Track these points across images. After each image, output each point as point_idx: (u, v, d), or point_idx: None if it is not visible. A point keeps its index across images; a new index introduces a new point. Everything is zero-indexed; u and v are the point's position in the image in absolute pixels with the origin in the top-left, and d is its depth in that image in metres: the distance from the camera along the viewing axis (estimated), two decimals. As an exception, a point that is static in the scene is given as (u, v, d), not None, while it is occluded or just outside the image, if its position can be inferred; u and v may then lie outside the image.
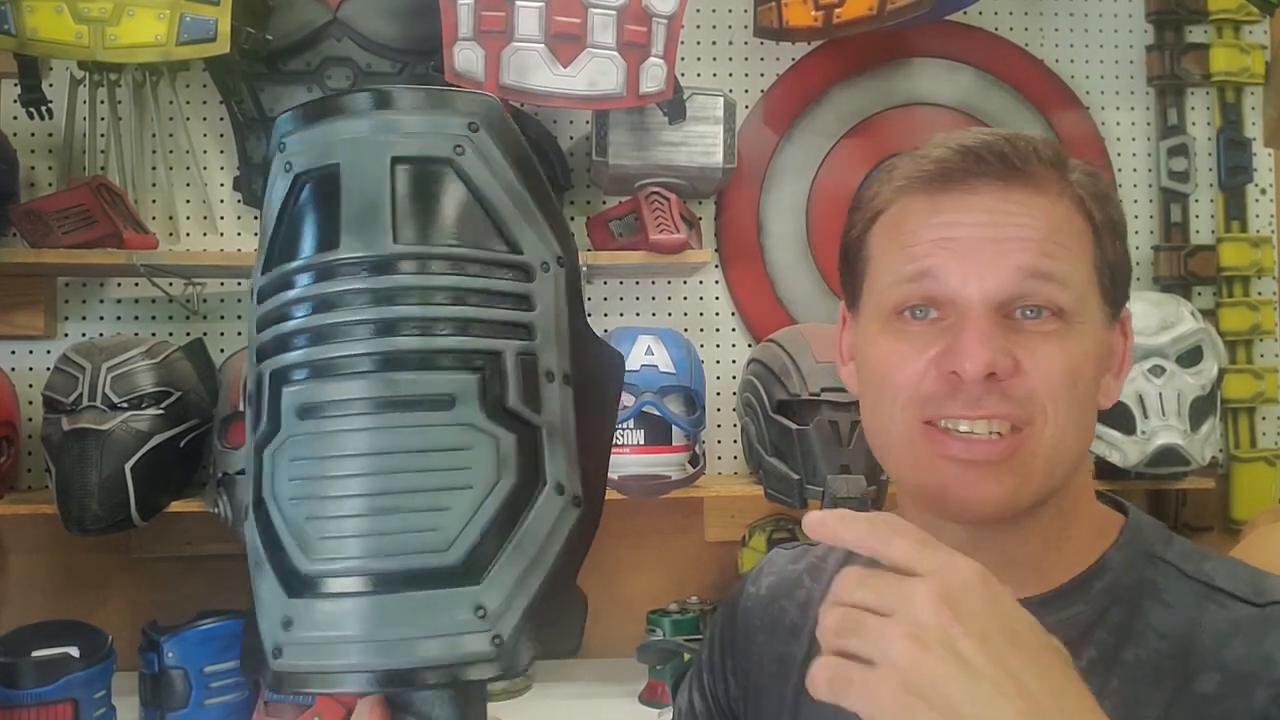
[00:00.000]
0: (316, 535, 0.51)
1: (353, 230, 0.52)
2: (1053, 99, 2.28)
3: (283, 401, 0.52)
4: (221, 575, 2.04)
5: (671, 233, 1.92)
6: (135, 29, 1.73)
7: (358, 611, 0.50)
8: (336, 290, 0.52)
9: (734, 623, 0.91)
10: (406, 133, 0.54)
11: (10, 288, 2.02)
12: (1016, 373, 0.69)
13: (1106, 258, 0.72)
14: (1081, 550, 0.74)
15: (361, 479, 0.51)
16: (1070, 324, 0.70)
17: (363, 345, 0.51)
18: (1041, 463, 0.69)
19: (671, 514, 2.13)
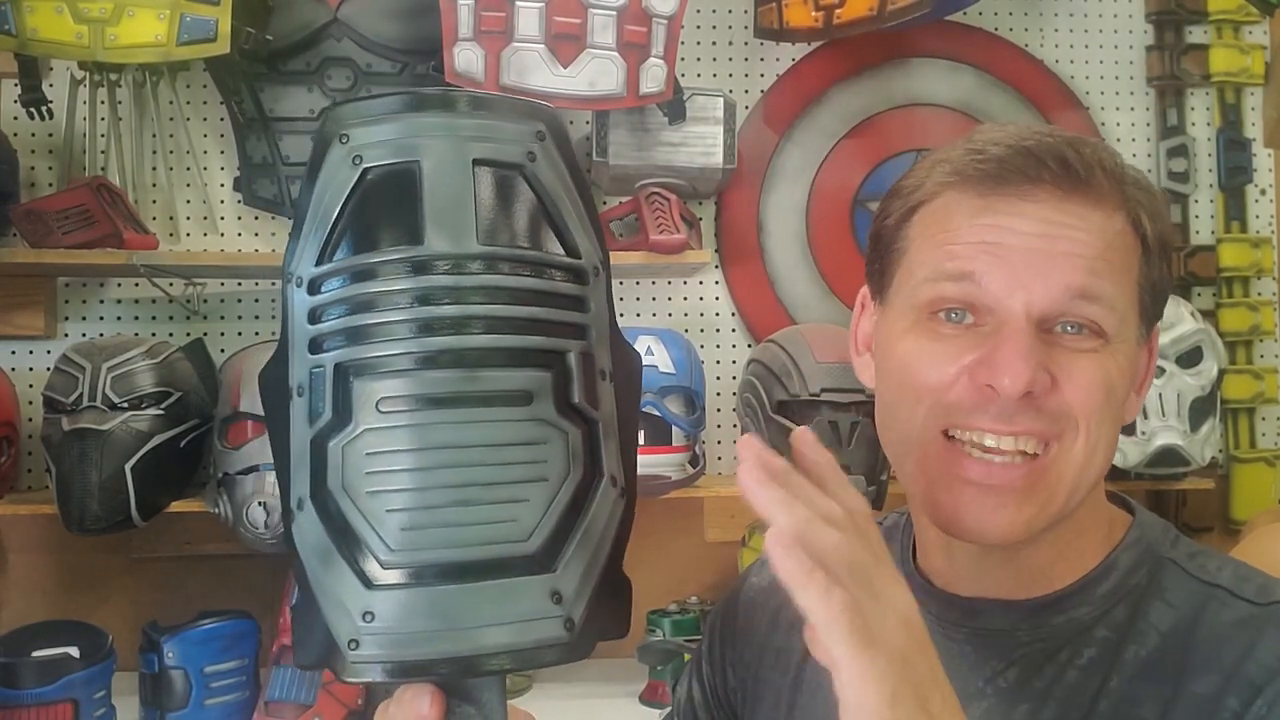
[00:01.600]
0: (399, 526, 0.51)
1: (438, 227, 0.53)
2: (1053, 99, 2.28)
3: (355, 394, 0.52)
4: (221, 575, 2.04)
5: (671, 233, 1.92)
6: (135, 29, 1.73)
7: (442, 601, 0.51)
8: (425, 286, 0.52)
9: (735, 613, 0.90)
10: (485, 137, 0.55)
11: (10, 288, 2.01)
12: (1053, 390, 0.67)
13: (1151, 277, 0.71)
14: (1089, 552, 0.74)
15: (445, 471, 0.52)
16: (1110, 343, 0.68)
17: (449, 340, 0.52)
18: (1067, 486, 0.68)
19: (671, 514, 2.12)
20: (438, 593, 0.51)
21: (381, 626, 0.51)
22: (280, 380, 0.56)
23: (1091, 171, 0.68)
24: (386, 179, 0.54)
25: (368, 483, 0.52)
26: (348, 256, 0.54)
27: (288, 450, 0.55)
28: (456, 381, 0.52)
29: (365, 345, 0.53)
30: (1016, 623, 0.73)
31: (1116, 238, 0.69)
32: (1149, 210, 0.70)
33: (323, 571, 0.53)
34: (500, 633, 0.52)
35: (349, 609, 0.52)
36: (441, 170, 0.54)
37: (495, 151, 0.55)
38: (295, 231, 0.56)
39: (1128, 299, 0.69)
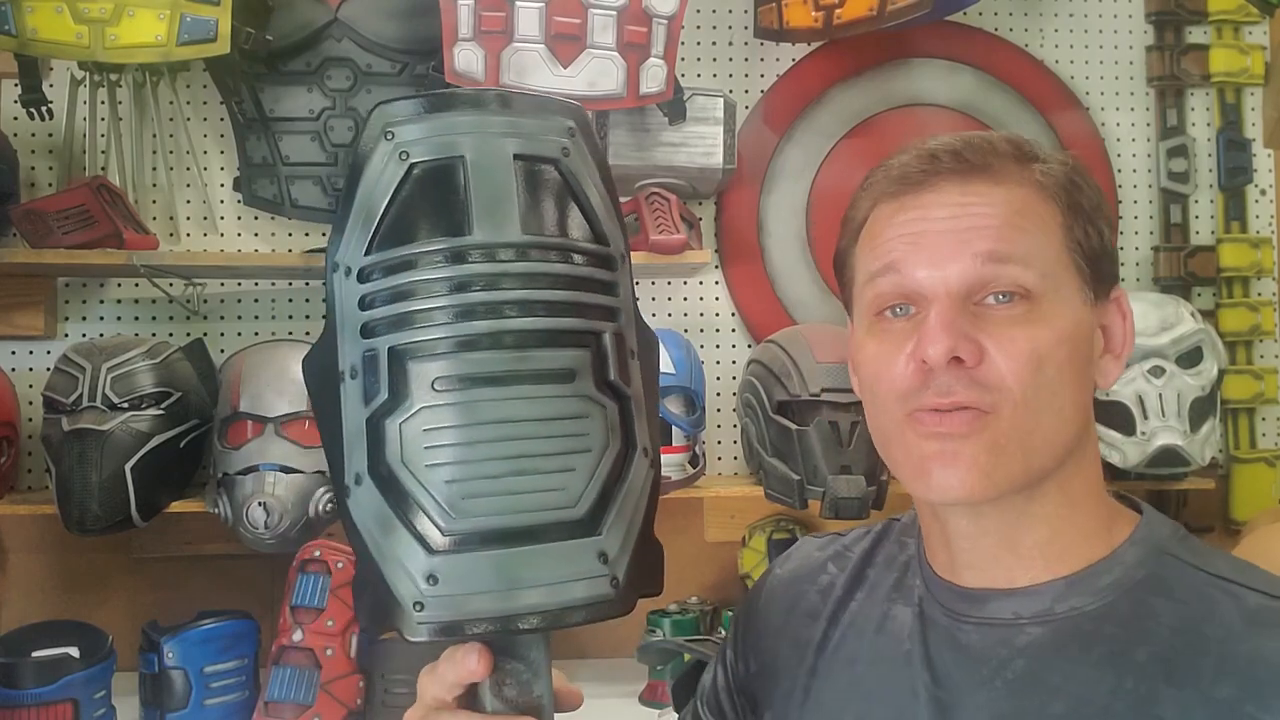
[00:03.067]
0: (459, 496, 0.56)
1: (484, 218, 0.57)
2: (1053, 99, 2.28)
3: (410, 374, 0.57)
4: (221, 575, 2.04)
5: (671, 233, 1.92)
6: (135, 29, 1.74)
7: (500, 562, 0.56)
8: (473, 273, 0.57)
9: (758, 603, 0.93)
10: (523, 133, 0.60)
11: (10, 288, 2.02)
12: (983, 359, 0.70)
13: (1077, 239, 0.74)
14: (1091, 542, 0.75)
15: (500, 444, 0.56)
16: (1038, 305, 0.71)
17: (498, 323, 0.57)
18: (1016, 445, 0.71)
19: (671, 514, 2.12)
20: (496, 556, 0.56)
21: (445, 589, 0.56)
22: (328, 365, 0.59)
23: (986, 156, 0.74)
24: (433, 173, 0.58)
25: (426, 456, 0.56)
26: (398, 246, 0.58)
27: (340, 430, 0.58)
28: (508, 361, 0.57)
29: (420, 329, 0.57)
30: (1019, 610, 0.74)
31: (1025, 204, 0.73)
32: (1059, 179, 0.75)
33: (384, 540, 0.57)
34: (556, 591, 0.57)
35: (412, 573, 0.56)
36: (484, 165, 0.58)
37: (533, 147, 0.60)
38: (339, 224, 0.60)
39: (1051, 256, 0.73)
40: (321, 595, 1.72)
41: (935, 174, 0.74)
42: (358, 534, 0.58)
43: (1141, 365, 1.90)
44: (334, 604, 1.71)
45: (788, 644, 0.87)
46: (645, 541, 0.63)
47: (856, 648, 0.82)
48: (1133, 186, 2.30)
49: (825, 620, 0.85)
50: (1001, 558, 0.75)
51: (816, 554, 0.91)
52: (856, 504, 1.77)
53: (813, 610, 0.87)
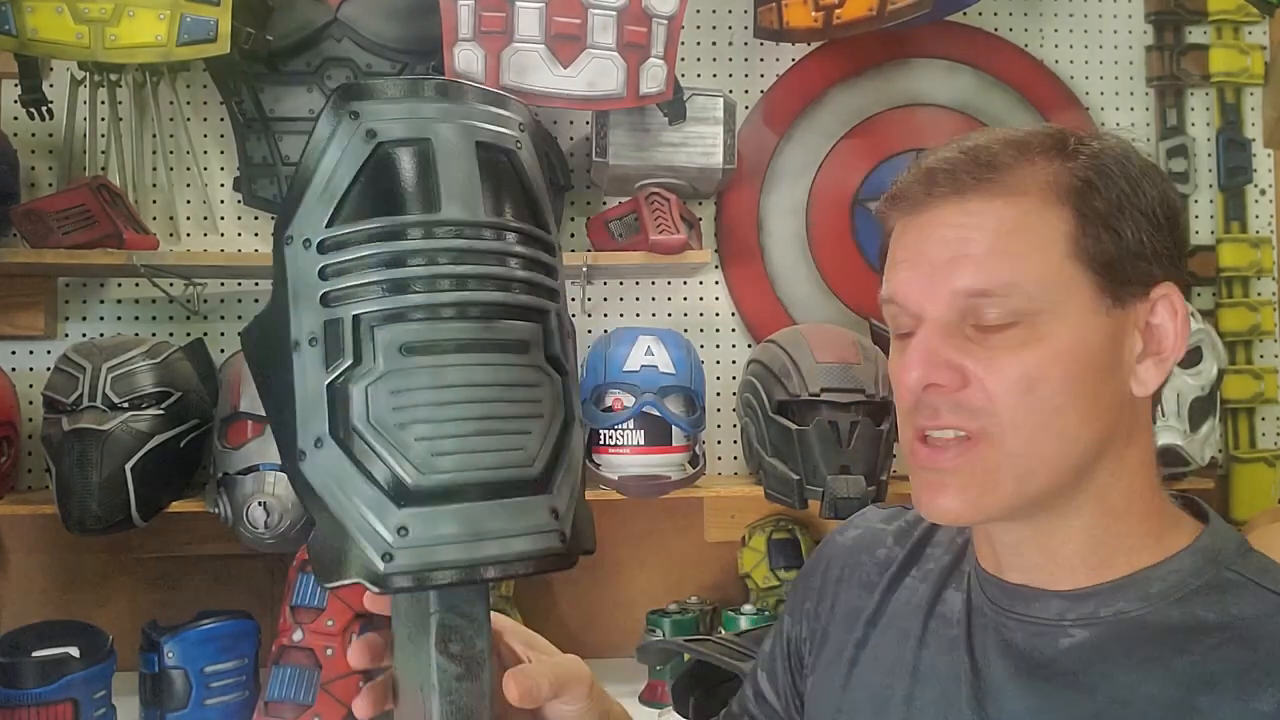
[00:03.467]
0: (429, 453, 0.59)
1: (452, 198, 0.61)
2: (1053, 99, 2.28)
3: (378, 340, 0.60)
4: (221, 575, 2.04)
5: (671, 233, 1.92)
6: (135, 29, 1.73)
7: (465, 515, 0.59)
8: (443, 247, 0.60)
9: (817, 567, 0.93)
10: (484, 123, 0.64)
11: (10, 288, 2.02)
12: (966, 384, 0.70)
13: (1086, 246, 0.70)
14: (1140, 549, 0.73)
15: (465, 405, 0.60)
16: (1034, 324, 0.69)
17: (466, 295, 0.61)
18: (1006, 472, 0.70)
19: (671, 514, 2.13)
20: (463, 509, 0.59)
21: (413, 540, 0.58)
22: (276, 335, 0.61)
23: (984, 169, 0.71)
24: (400, 154, 0.61)
25: (395, 417, 0.59)
26: (364, 220, 0.61)
27: (292, 398, 0.60)
28: (474, 330, 0.61)
29: (390, 298, 0.60)
30: (1064, 611, 0.73)
31: (1019, 220, 0.70)
32: (1075, 183, 0.71)
33: (347, 499, 0.59)
34: (517, 543, 0.61)
35: (381, 527, 0.58)
36: (451, 149, 0.62)
37: (493, 138, 0.64)
38: (294, 198, 0.62)
39: (1049, 271, 0.70)
40: (321, 595, 1.72)
41: (932, 194, 0.73)
42: (314, 495, 0.60)
43: (1141, 365, 1.90)
44: (334, 604, 1.71)
45: (841, 612, 0.88)
46: (582, 503, 0.67)
47: (908, 625, 0.82)
48: (1132, 186, 2.30)
49: (879, 593, 0.85)
50: (1042, 563, 0.75)
51: (879, 525, 0.91)
52: (856, 504, 1.77)
53: (868, 581, 0.87)
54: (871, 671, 0.83)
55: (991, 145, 0.73)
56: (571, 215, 2.17)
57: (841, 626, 0.87)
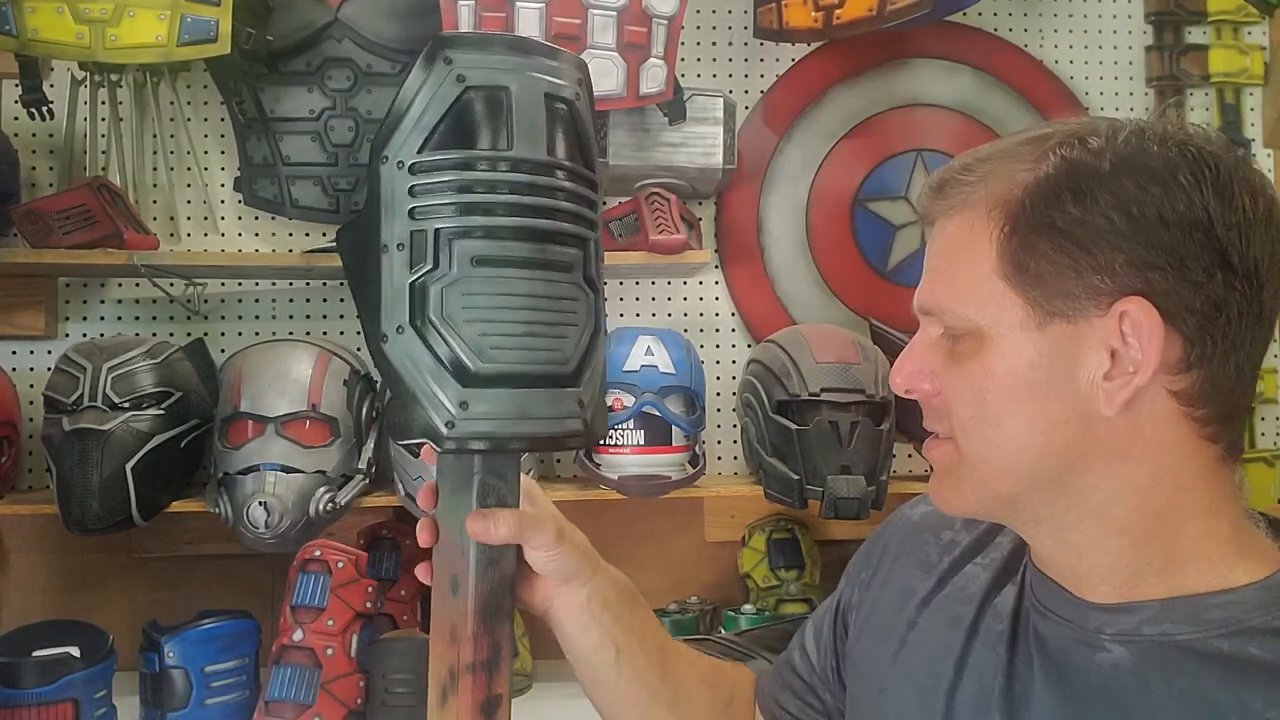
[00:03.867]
0: (488, 345, 0.74)
1: (522, 138, 0.75)
2: (1052, 99, 2.28)
3: (454, 251, 0.74)
4: (221, 575, 2.05)
5: (671, 233, 1.92)
6: (136, 29, 1.74)
7: (514, 398, 0.75)
8: (513, 180, 0.75)
9: (881, 537, 0.95)
10: (550, 76, 0.77)
11: (11, 288, 2.02)
12: (937, 393, 0.74)
13: (1017, 261, 0.68)
14: (1195, 573, 0.70)
15: (519, 310, 0.75)
16: (983, 337, 0.71)
17: (526, 221, 0.75)
18: (967, 474, 0.73)
19: (671, 514, 2.13)
20: (513, 393, 0.75)
21: (474, 413, 0.74)
22: (366, 240, 0.75)
23: (956, 184, 0.73)
24: (483, 96, 0.75)
25: (465, 315, 0.74)
26: (450, 150, 0.75)
27: (379, 291, 0.75)
28: (531, 250, 0.75)
29: (467, 218, 0.74)
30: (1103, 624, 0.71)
31: (959, 237, 0.72)
32: (1021, 196, 0.69)
33: (420, 376, 0.74)
34: (550, 424, 0.77)
35: (446, 400, 0.74)
36: (524, 97, 0.75)
37: (557, 89, 0.77)
38: (391, 125, 0.76)
39: (976, 292, 0.71)
40: (322, 595, 1.72)
41: (928, 209, 0.76)
42: (395, 371, 0.75)
43: (1141, 365, 1.90)
44: (334, 603, 1.72)
45: (894, 588, 0.88)
46: (599, 399, 0.82)
47: (961, 612, 0.81)
48: (1132, 186, 2.30)
49: (937, 576, 0.85)
50: (1068, 573, 0.74)
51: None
52: (856, 504, 1.77)
53: (928, 561, 0.87)
54: (918, 655, 0.83)
55: (973, 160, 0.73)
56: (571, 215, 2.17)
57: (893, 603, 0.87)
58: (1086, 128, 0.70)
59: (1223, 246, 0.66)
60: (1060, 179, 0.68)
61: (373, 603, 1.76)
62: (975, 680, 0.77)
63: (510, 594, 0.82)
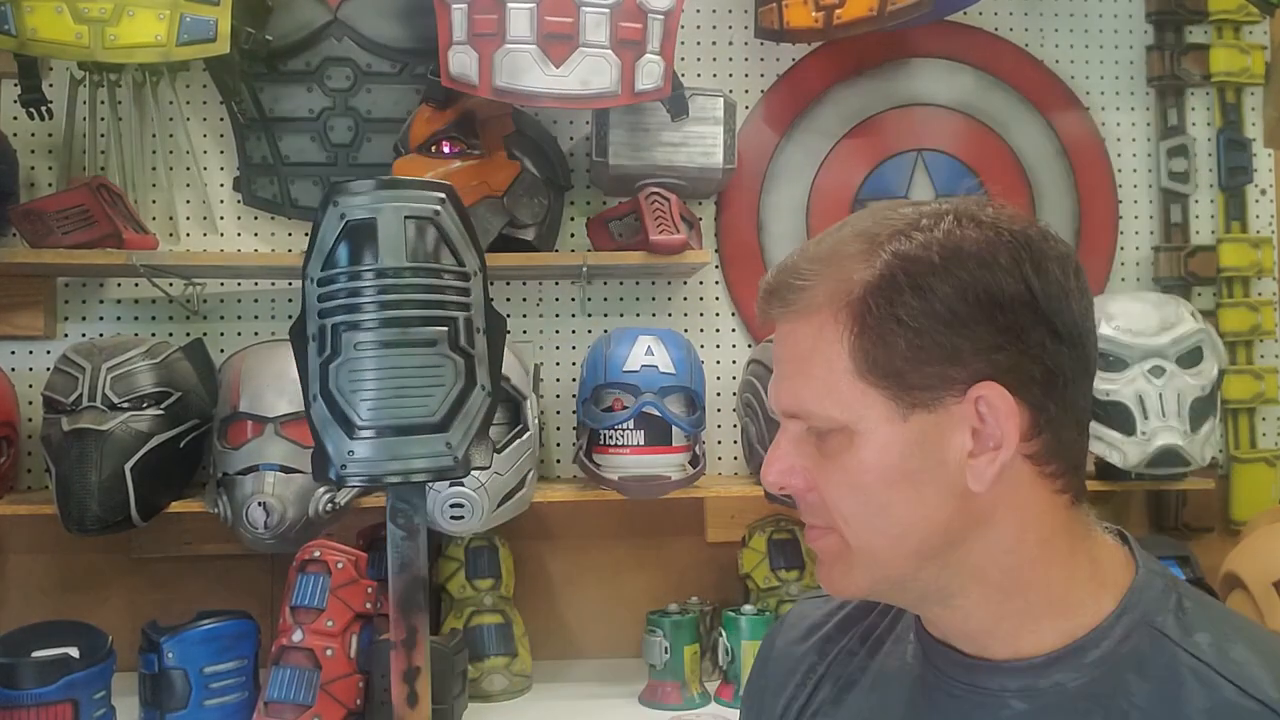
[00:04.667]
0: (366, 407, 1.04)
1: (387, 252, 1.06)
2: (1053, 99, 2.28)
3: (343, 340, 1.04)
4: (221, 575, 2.04)
5: (671, 233, 1.92)
6: (135, 29, 1.73)
7: (387, 444, 1.05)
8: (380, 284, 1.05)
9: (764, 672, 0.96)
10: (413, 203, 1.09)
11: (10, 288, 2.02)
12: (810, 489, 0.76)
13: (872, 358, 0.71)
14: (1072, 612, 0.75)
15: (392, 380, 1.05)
16: (851, 433, 0.73)
17: (393, 313, 1.04)
18: (855, 561, 0.75)
19: (671, 514, 2.12)
20: (388, 441, 1.05)
21: (359, 458, 1.05)
22: (302, 331, 1.06)
23: (791, 289, 0.75)
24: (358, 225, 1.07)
25: (350, 386, 1.04)
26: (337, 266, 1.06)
27: (306, 369, 1.06)
28: (395, 334, 1.04)
29: (350, 315, 1.04)
30: (1005, 683, 0.75)
31: (813, 339, 0.74)
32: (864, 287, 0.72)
33: (325, 430, 1.06)
34: (421, 461, 1.08)
35: (340, 449, 1.06)
36: (388, 221, 1.07)
37: (418, 211, 1.09)
38: (309, 253, 1.08)
39: (837, 392, 0.73)
40: (321, 595, 1.71)
41: (766, 315, 0.78)
42: (314, 426, 1.06)
43: (1142, 365, 1.90)
44: (334, 604, 1.71)
45: (796, 709, 0.89)
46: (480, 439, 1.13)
47: (857, 705, 0.84)
48: (1133, 186, 2.30)
49: (830, 681, 0.87)
50: (965, 638, 0.77)
51: (813, 613, 0.94)
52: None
53: (812, 669, 0.89)
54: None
55: (803, 261, 0.75)
56: (571, 215, 2.17)
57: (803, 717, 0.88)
58: (907, 220, 0.73)
59: (1049, 317, 0.71)
60: (897, 275, 0.71)
61: (372, 603, 1.75)
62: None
63: (422, 590, 1.12)
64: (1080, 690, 0.72)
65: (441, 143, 1.91)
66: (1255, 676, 0.69)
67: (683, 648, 1.89)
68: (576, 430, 2.01)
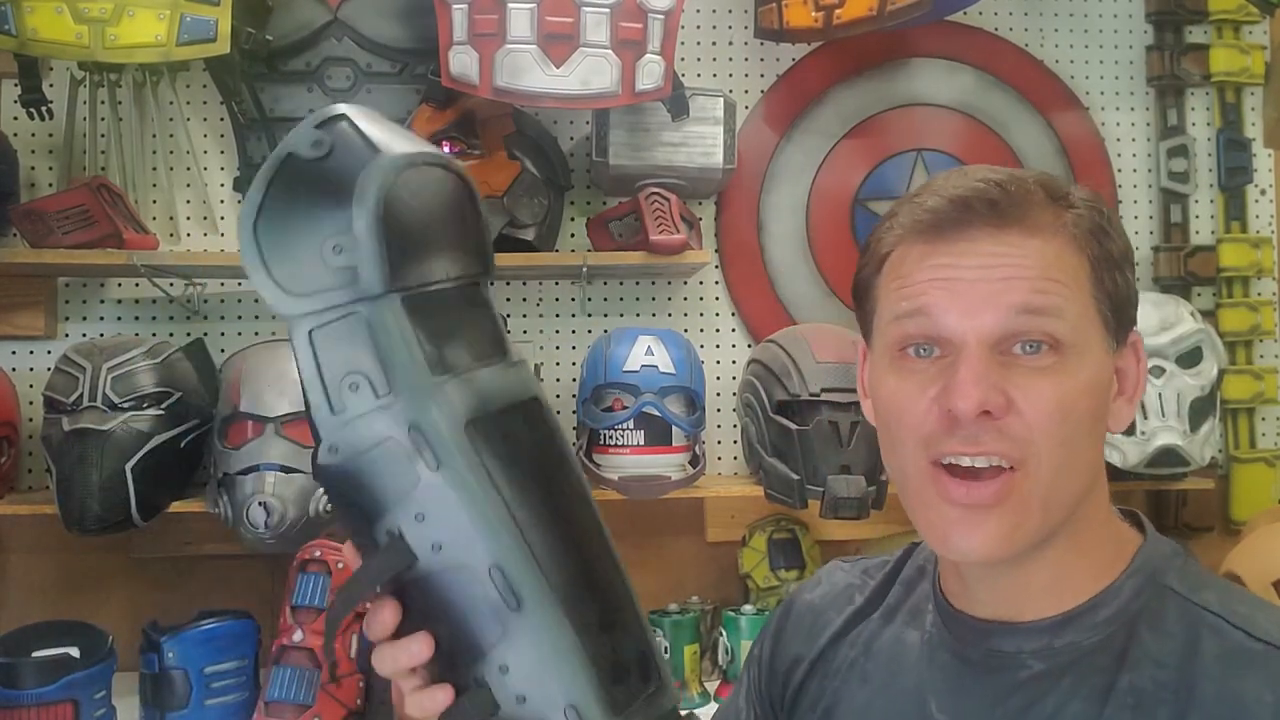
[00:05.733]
0: None
1: None
2: (1053, 99, 2.28)
3: None
4: (221, 575, 2.04)
5: (671, 233, 1.92)
6: (135, 29, 1.73)
7: None
8: None
9: (785, 624, 0.96)
10: None
11: (10, 288, 2.02)
12: (1010, 410, 0.71)
13: (1105, 289, 0.74)
14: (1095, 575, 0.76)
15: None
16: (1067, 356, 0.71)
17: None
18: (1038, 503, 0.72)
19: (671, 514, 2.12)
20: None
21: None
22: None
23: (1019, 205, 0.73)
24: None
25: None
26: None
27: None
28: None
29: None
30: (1021, 645, 0.76)
31: (1057, 258, 0.73)
32: (1089, 228, 0.74)
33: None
34: None
35: None
36: None
37: None
38: None
39: (1079, 309, 0.73)
40: (322, 595, 1.72)
41: (968, 223, 0.73)
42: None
43: (1141, 365, 1.90)
44: (334, 604, 1.71)
45: (809, 664, 0.90)
46: None
47: (871, 670, 0.84)
48: (1133, 186, 2.30)
49: (848, 644, 0.88)
50: (1013, 597, 0.77)
51: (841, 577, 0.94)
52: (856, 504, 1.77)
53: (836, 632, 0.90)
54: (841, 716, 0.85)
55: (1018, 184, 0.74)
56: (571, 215, 2.17)
57: (813, 679, 0.89)
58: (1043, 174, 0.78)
59: None
60: (1097, 218, 0.75)
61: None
62: None
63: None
64: (1095, 646, 0.74)
65: (442, 143, 1.92)
66: (1262, 624, 0.71)
67: (683, 647, 1.89)
68: (576, 430, 2.01)
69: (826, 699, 0.87)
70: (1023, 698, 0.74)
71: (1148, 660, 0.71)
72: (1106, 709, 0.71)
